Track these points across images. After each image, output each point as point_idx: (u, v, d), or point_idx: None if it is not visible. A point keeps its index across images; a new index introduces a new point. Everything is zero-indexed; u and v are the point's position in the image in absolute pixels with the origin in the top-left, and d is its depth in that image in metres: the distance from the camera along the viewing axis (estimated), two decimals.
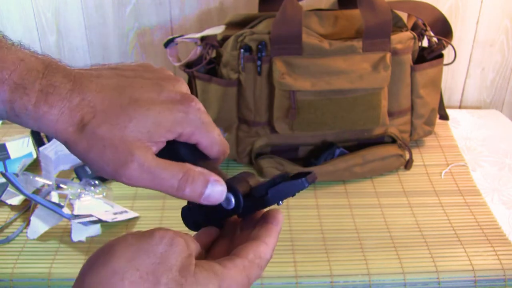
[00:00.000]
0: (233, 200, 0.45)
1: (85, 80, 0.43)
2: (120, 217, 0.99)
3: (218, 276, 0.40)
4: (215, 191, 0.43)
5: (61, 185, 1.05)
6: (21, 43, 0.44)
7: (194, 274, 0.38)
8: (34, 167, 1.13)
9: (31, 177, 1.04)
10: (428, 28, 1.14)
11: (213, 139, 0.46)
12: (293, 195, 0.46)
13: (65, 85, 0.42)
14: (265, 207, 0.46)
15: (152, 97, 0.44)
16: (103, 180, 1.08)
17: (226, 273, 0.40)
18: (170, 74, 0.48)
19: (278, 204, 0.46)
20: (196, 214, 0.48)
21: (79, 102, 0.42)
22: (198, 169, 0.44)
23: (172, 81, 0.46)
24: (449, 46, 1.14)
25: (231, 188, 0.45)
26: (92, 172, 1.10)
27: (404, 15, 1.14)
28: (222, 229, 0.49)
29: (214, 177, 0.44)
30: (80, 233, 0.95)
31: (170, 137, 0.44)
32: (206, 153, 0.47)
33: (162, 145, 0.44)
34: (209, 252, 0.46)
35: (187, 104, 0.44)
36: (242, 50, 1.05)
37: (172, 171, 0.43)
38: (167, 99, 0.44)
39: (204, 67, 1.11)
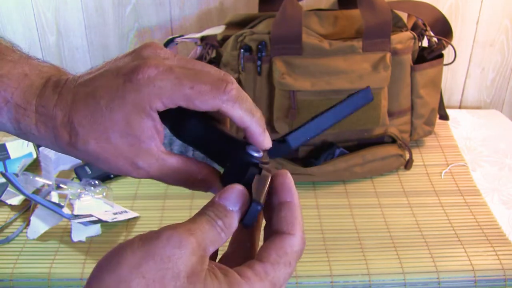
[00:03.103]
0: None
1: (66, 91, 0.42)
2: (120, 217, 0.99)
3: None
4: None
5: (61, 185, 1.05)
6: (29, 54, 0.44)
7: (204, 281, 0.35)
8: (34, 167, 1.13)
9: (31, 177, 1.04)
10: (428, 28, 1.14)
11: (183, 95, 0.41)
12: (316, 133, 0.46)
13: (51, 102, 0.42)
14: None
15: (114, 94, 0.41)
16: (103, 180, 1.08)
17: (242, 285, 0.36)
18: (144, 51, 0.43)
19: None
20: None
21: (62, 119, 0.42)
22: (200, 176, 0.44)
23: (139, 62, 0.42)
24: (449, 46, 1.14)
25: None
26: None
27: (404, 15, 1.14)
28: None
29: (216, 185, 0.44)
30: (80, 233, 0.95)
31: (149, 123, 0.41)
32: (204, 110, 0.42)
33: (159, 134, 0.42)
34: (230, 246, 0.43)
35: (135, 79, 0.40)
36: (242, 50, 1.05)
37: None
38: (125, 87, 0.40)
39: None
